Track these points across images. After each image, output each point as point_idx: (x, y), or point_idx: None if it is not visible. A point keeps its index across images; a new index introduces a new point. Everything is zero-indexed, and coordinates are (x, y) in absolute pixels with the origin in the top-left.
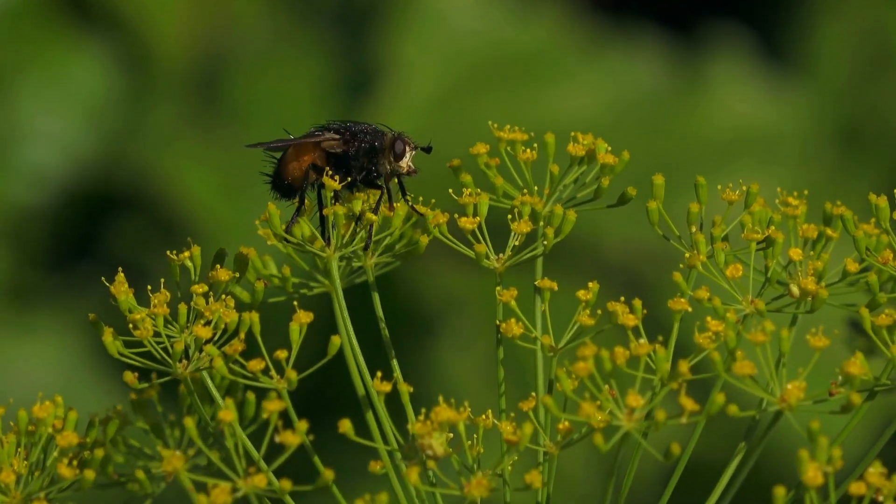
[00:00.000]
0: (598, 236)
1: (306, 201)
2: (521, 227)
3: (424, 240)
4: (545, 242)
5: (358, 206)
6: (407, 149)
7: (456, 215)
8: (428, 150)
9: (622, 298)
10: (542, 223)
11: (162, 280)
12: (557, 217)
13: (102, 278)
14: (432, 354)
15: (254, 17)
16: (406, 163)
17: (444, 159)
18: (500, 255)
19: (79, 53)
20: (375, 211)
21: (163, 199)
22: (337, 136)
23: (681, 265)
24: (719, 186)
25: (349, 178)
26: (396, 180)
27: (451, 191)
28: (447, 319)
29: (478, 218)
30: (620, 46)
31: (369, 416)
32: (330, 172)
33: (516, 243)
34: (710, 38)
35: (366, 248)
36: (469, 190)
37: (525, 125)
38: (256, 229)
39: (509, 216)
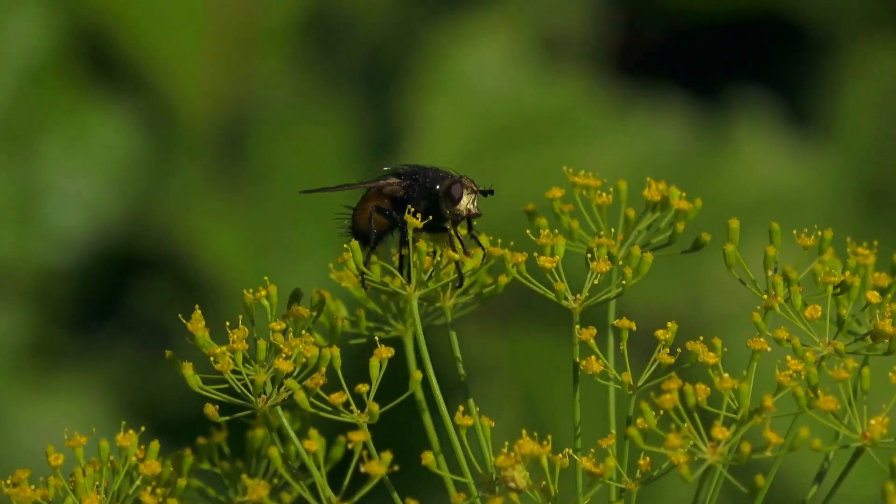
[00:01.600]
0: (622, 300)
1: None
2: (600, 266)
3: (503, 280)
4: (623, 282)
5: (424, 248)
6: (464, 193)
7: (535, 254)
8: (487, 193)
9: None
10: (619, 263)
11: (240, 317)
12: (636, 258)
13: (179, 315)
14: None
15: (278, 76)
16: (465, 206)
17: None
18: (578, 295)
19: (102, 113)
20: (453, 248)
21: (187, 260)
22: (398, 180)
23: (758, 307)
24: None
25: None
26: (462, 222)
27: (528, 231)
28: (474, 383)
29: (556, 257)
30: (645, 109)
31: (456, 448)
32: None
33: (595, 282)
34: (735, 101)
35: (460, 285)
36: (546, 231)
37: (550, 185)
38: (281, 287)
39: (588, 255)
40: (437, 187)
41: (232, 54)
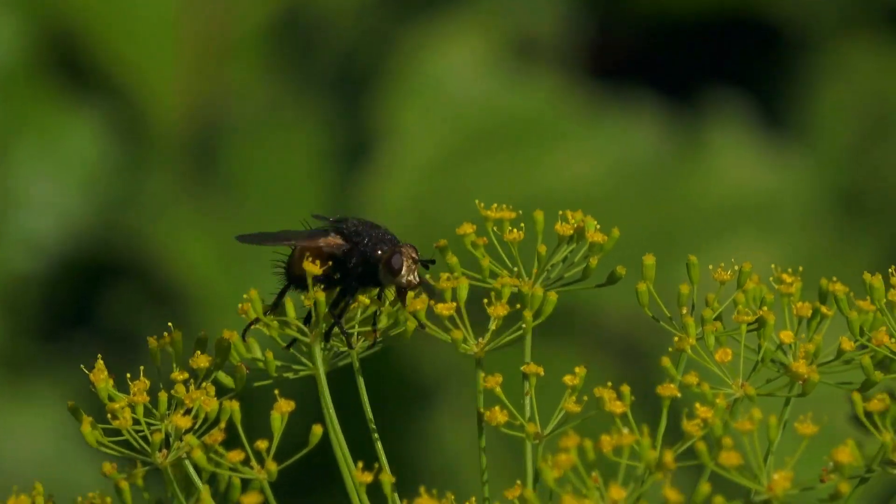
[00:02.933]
0: (597, 304)
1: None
2: (498, 310)
3: (412, 325)
4: (524, 325)
5: (322, 299)
6: (405, 264)
7: (433, 302)
8: (427, 264)
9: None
10: (518, 306)
11: (141, 368)
12: (537, 299)
13: (82, 366)
14: (431, 424)
15: (251, 84)
16: (405, 278)
17: (442, 226)
18: (481, 339)
19: (74, 119)
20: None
21: (158, 268)
22: (340, 242)
23: (670, 349)
24: (710, 266)
25: (343, 284)
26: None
27: (428, 276)
28: (446, 389)
29: (454, 303)
30: (619, 113)
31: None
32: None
33: (493, 327)
34: (710, 104)
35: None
36: (446, 275)
37: (523, 191)
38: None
39: (485, 300)
40: (378, 253)
41: (204, 61)
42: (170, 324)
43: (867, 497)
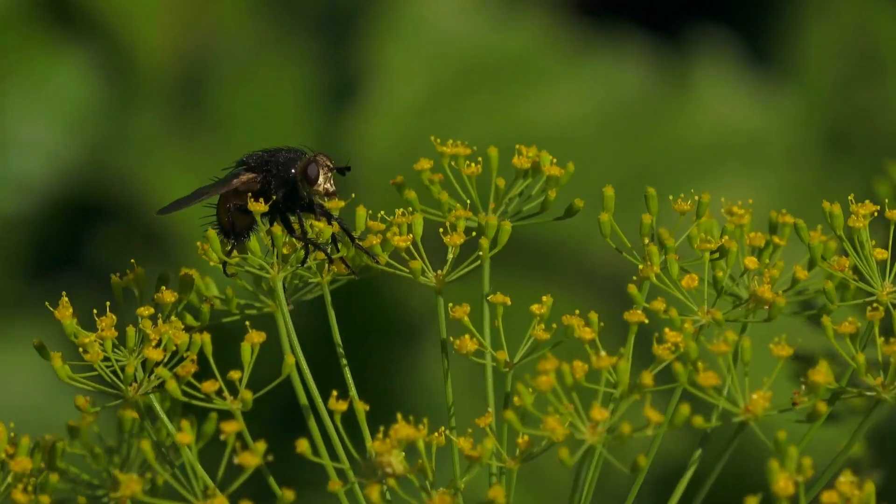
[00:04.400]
0: (584, 243)
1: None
2: (454, 239)
3: (383, 259)
4: (480, 253)
5: (279, 232)
6: (320, 172)
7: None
8: (343, 170)
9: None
10: (473, 234)
11: (107, 304)
12: (492, 228)
13: (47, 303)
14: (416, 360)
15: (237, 23)
16: (323, 186)
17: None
18: (439, 271)
19: (61, 61)
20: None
21: (145, 208)
22: (252, 175)
23: (634, 277)
24: (685, 195)
25: (278, 212)
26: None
27: (381, 213)
28: (431, 325)
29: (411, 235)
30: (605, 50)
31: (331, 434)
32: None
33: (450, 256)
34: (696, 42)
35: (309, 261)
36: (401, 210)
37: (508, 130)
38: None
39: (441, 230)
40: (293, 171)
41: (190, 1)
42: (133, 260)
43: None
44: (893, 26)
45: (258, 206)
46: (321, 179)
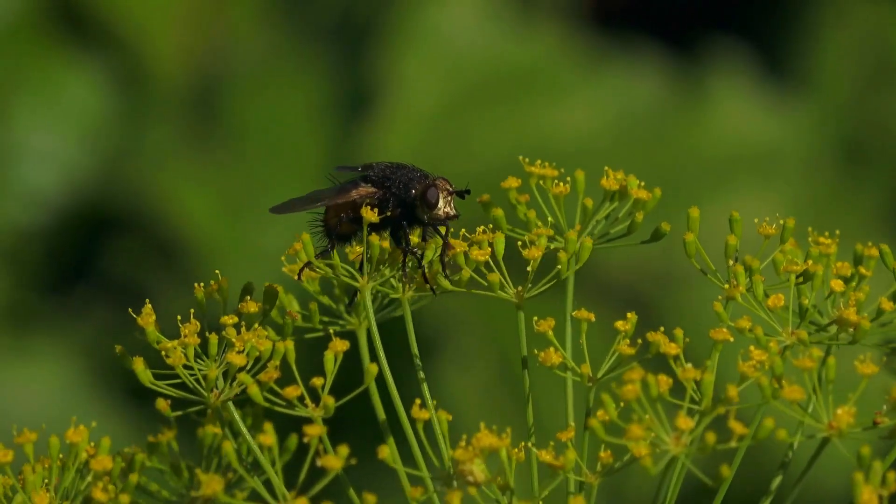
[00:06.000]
0: (600, 255)
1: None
2: (534, 252)
3: (466, 273)
4: (559, 266)
5: (377, 242)
6: (440, 197)
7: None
8: (462, 193)
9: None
10: (551, 246)
11: (191, 311)
12: (572, 243)
13: (129, 310)
14: (433, 374)
15: (251, 33)
16: (443, 210)
17: (446, 175)
18: (520, 287)
19: (74, 71)
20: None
21: (160, 219)
22: (371, 189)
23: (719, 296)
24: (731, 216)
25: (390, 227)
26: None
27: (463, 231)
28: (448, 339)
29: (489, 249)
30: (620, 62)
31: (412, 442)
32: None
33: (530, 269)
34: (711, 53)
35: (424, 280)
36: (482, 227)
37: (524, 141)
38: (254, 249)
39: (519, 243)
40: (412, 192)
41: (204, 10)
42: (217, 273)
43: None
44: None
45: (371, 216)
46: (441, 203)
